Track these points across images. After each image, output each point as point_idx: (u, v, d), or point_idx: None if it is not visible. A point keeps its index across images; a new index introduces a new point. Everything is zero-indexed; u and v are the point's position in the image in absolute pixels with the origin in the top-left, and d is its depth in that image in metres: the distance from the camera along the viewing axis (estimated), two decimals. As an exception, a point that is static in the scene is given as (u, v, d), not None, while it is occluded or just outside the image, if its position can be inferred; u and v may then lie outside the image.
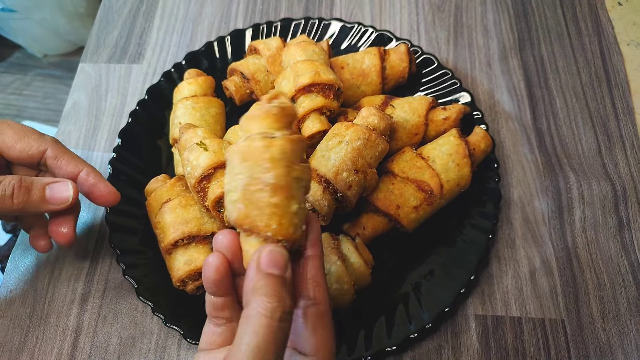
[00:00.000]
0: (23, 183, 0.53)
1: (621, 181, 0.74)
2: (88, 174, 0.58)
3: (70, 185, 0.55)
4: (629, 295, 0.66)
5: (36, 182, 0.54)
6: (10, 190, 0.52)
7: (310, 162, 0.63)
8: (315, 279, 0.42)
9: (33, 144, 0.56)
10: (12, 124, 0.57)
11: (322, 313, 0.42)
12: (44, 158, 0.57)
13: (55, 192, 0.54)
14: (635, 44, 0.88)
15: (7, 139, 0.56)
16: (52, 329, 0.67)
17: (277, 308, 0.37)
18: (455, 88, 0.78)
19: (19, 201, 0.52)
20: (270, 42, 0.77)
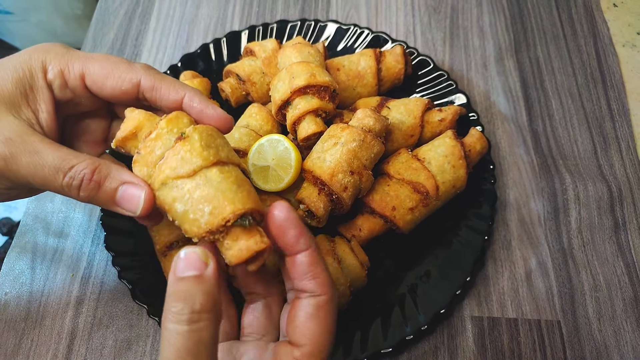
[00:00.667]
0: (95, 176, 0.44)
1: (617, 182, 0.74)
2: (192, 99, 0.49)
3: (143, 195, 0.43)
4: (625, 296, 0.66)
5: (112, 178, 0.45)
6: (79, 182, 0.44)
7: (305, 164, 0.63)
8: (312, 272, 0.41)
9: (124, 76, 0.47)
10: (97, 58, 0.48)
11: (320, 305, 0.41)
12: (141, 91, 0.48)
13: (125, 198, 0.44)
14: (630, 45, 0.88)
15: (97, 76, 0.47)
16: (47, 332, 0.66)
17: (182, 311, 0.35)
18: (451, 89, 0.78)
19: (85, 195, 0.44)
20: (266, 44, 0.77)
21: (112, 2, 1.00)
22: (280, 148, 0.65)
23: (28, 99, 0.46)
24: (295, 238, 0.41)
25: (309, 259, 0.41)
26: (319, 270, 0.41)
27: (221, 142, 0.45)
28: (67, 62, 0.47)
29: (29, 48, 0.48)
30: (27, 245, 0.73)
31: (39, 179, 0.43)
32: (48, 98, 0.46)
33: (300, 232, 0.41)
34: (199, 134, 0.43)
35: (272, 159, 0.65)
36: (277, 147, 0.65)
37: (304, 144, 0.67)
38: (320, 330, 0.40)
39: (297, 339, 0.40)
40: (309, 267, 0.41)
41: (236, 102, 0.78)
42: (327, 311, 0.41)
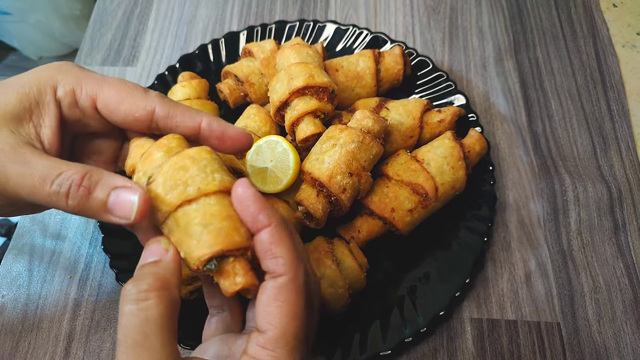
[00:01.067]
0: (85, 182, 0.41)
1: (616, 183, 0.74)
2: (210, 123, 0.47)
3: (136, 198, 0.40)
4: (625, 298, 0.66)
5: (103, 183, 0.42)
6: (66, 189, 0.41)
7: (304, 165, 0.63)
8: (273, 251, 0.39)
9: (139, 104, 0.46)
10: (113, 83, 0.46)
11: (280, 286, 0.38)
12: (154, 120, 0.46)
13: (118, 203, 0.41)
14: (630, 45, 0.88)
15: (110, 100, 0.46)
16: (44, 335, 0.66)
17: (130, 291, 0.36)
18: (450, 90, 0.78)
19: (74, 203, 0.41)
20: (265, 44, 0.77)
21: (110, 2, 1.00)
22: (279, 149, 0.65)
23: (32, 114, 0.45)
24: (254, 214, 0.39)
25: (268, 236, 0.39)
26: (280, 249, 0.39)
27: (194, 171, 0.41)
28: (80, 81, 0.46)
29: (42, 65, 0.47)
30: (24, 247, 0.72)
31: (27, 188, 0.41)
32: (53, 114, 0.45)
33: (260, 208, 0.40)
34: (163, 176, 0.41)
35: (271, 161, 0.65)
36: (275, 149, 0.65)
37: (302, 145, 0.67)
38: (281, 314, 0.38)
39: (260, 324, 0.39)
40: (269, 245, 0.39)
41: (234, 103, 0.78)
42: (288, 293, 0.38)
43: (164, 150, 0.43)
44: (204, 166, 0.41)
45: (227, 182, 0.42)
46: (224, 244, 0.39)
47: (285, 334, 0.38)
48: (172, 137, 0.45)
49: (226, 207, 0.40)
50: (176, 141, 0.44)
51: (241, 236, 0.40)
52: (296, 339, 0.38)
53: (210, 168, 0.42)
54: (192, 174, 0.41)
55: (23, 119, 0.44)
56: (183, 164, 0.41)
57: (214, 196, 0.41)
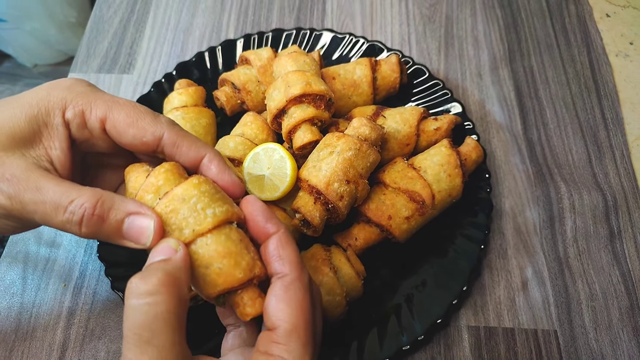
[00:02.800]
0: (97, 210, 0.41)
1: (612, 191, 0.75)
2: (211, 161, 0.48)
3: (152, 224, 0.41)
4: (621, 305, 0.66)
5: (116, 209, 0.42)
6: (79, 217, 0.41)
7: (301, 173, 0.63)
8: (279, 253, 0.42)
9: (148, 128, 0.46)
10: (123, 104, 0.46)
11: (287, 285, 0.41)
12: (161, 145, 0.47)
13: (134, 229, 0.41)
14: (623, 54, 0.89)
15: (119, 123, 0.46)
16: (38, 344, 0.65)
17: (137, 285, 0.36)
18: (447, 98, 0.78)
19: (88, 230, 0.41)
20: (262, 52, 0.77)
21: (107, 10, 1.00)
22: (276, 157, 0.65)
23: (42, 137, 0.45)
24: (262, 223, 0.43)
25: (275, 241, 0.42)
26: (285, 251, 0.42)
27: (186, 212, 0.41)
28: (90, 103, 0.46)
29: (50, 82, 0.47)
30: (18, 255, 0.72)
31: (40, 215, 0.42)
32: (63, 136, 0.45)
33: (266, 219, 0.43)
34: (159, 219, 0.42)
35: (268, 168, 0.64)
36: (272, 156, 0.65)
37: (299, 152, 0.67)
38: (291, 310, 0.40)
39: (271, 323, 0.40)
40: (276, 249, 0.42)
41: (231, 111, 0.78)
42: (295, 290, 0.41)
43: (153, 191, 0.43)
44: (194, 204, 0.42)
45: (220, 214, 0.42)
46: (226, 283, 0.41)
47: (297, 328, 0.39)
48: (158, 173, 0.44)
49: (223, 244, 0.41)
50: (163, 176, 0.44)
51: (243, 270, 0.41)
52: (307, 333, 0.40)
53: (201, 204, 0.42)
54: (184, 215, 0.41)
55: (33, 141, 0.44)
56: (173, 207, 0.41)
57: (210, 234, 0.41)
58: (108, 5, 1.00)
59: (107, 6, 1.00)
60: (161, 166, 0.45)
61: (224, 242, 0.41)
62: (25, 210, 0.42)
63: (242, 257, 0.41)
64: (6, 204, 0.42)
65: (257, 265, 0.42)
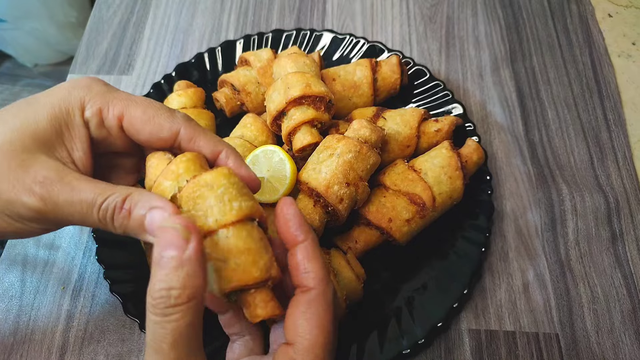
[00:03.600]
0: (126, 204, 0.41)
1: (614, 193, 0.74)
2: (228, 156, 0.47)
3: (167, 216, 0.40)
4: (623, 308, 0.66)
5: (141, 204, 0.41)
6: (111, 212, 0.41)
7: (301, 175, 0.62)
8: (305, 266, 0.41)
9: (164, 124, 0.46)
10: (139, 102, 0.46)
11: (310, 300, 0.40)
12: (178, 140, 0.47)
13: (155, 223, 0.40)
14: (626, 55, 0.89)
15: (135, 120, 0.46)
16: (36, 347, 0.65)
17: (158, 303, 0.35)
18: (448, 100, 0.78)
19: (118, 225, 0.42)
20: (261, 53, 0.76)
21: (106, 10, 0.99)
22: (275, 159, 0.64)
23: (64, 138, 0.45)
24: (293, 230, 0.42)
25: (303, 252, 0.41)
26: (312, 264, 0.41)
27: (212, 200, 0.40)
28: (107, 101, 0.46)
29: (68, 82, 0.47)
30: (17, 257, 0.71)
31: (77, 215, 0.42)
32: (84, 136, 0.45)
33: (298, 224, 0.42)
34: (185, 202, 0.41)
35: (267, 170, 0.64)
36: (272, 158, 0.64)
37: (299, 154, 0.66)
38: (310, 327, 0.39)
39: (290, 337, 0.40)
40: (303, 260, 0.41)
41: (231, 112, 0.77)
42: (318, 306, 0.40)
43: (172, 178, 0.42)
44: (222, 194, 0.41)
45: (246, 209, 0.41)
46: (241, 280, 0.40)
47: (315, 346, 0.39)
48: (180, 161, 0.43)
49: (244, 239, 0.40)
50: (184, 165, 0.43)
51: (260, 270, 0.40)
52: (324, 351, 0.40)
53: (228, 196, 0.41)
54: (210, 203, 0.40)
55: (56, 142, 0.44)
56: (200, 193, 0.41)
57: (232, 227, 0.40)
58: (107, 6, 1.00)
59: (106, 7, 1.00)
60: (183, 155, 0.44)
61: (245, 238, 0.40)
62: (60, 212, 0.42)
63: (260, 256, 0.41)
64: (39, 205, 0.41)
65: (274, 267, 0.41)
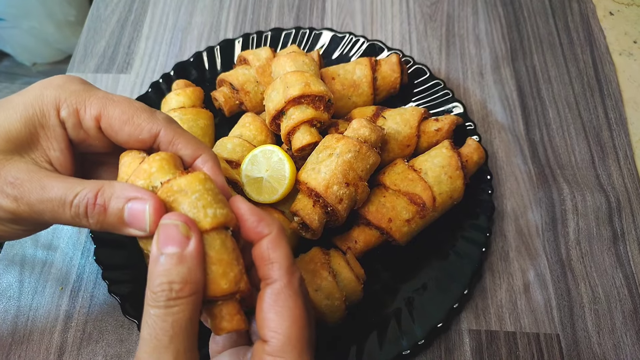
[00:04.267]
0: (99, 199, 0.40)
1: (615, 192, 0.74)
2: (205, 163, 0.46)
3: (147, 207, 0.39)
4: (624, 308, 0.65)
5: (116, 197, 0.40)
6: (84, 209, 0.40)
7: (300, 175, 0.62)
8: (270, 257, 0.39)
9: (144, 125, 0.44)
10: (118, 101, 0.45)
11: (277, 292, 0.39)
12: (157, 142, 0.46)
13: (133, 215, 0.39)
14: (627, 53, 0.88)
15: (114, 121, 0.44)
16: (35, 347, 0.65)
17: (159, 296, 0.35)
18: (448, 98, 0.78)
19: (94, 221, 0.41)
20: (260, 52, 0.76)
21: (105, 9, 0.99)
22: (274, 159, 0.64)
23: (39, 138, 0.44)
24: (254, 226, 0.40)
25: (266, 243, 0.40)
26: (276, 254, 0.40)
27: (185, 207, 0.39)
28: (84, 101, 0.44)
29: (42, 81, 0.46)
30: (15, 257, 0.71)
31: (50, 214, 0.41)
32: (60, 136, 0.44)
33: (257, 220, 0.40)
34: None
35: (266, 170, 0.64)
36: (271, 158, 0.64)
37: (298, 154, 0.66)
38: (282, 320, 0.38)
39: (263, 333, 0.39)
40: (267, 251, 0.40)
41: (229, 112, 0.77)
42: (285, 297, 0.39)
43: (145, 177, 0.41)
44: (196, 200, 0.40)
45: (221, 216, 0.40)
46: (208, 291, 0.38)
47: (290, 339, 0.38)
48: (153, 161, 0.42)
49: (216, 249, 0.39)
50: (158, 164, 0.42)
51: (229, 282, 0.39)
52: (301, 342, 0.38)
53: (202, 202, 0.40)
54: (183, 209, 0.39)
55: (31, 143, 0.43)
56: (174, 197, 0.40)
57: (205, 236, 0.39)
58: (106, 5, 0.99)
59: (104, 5, 0.99)
60: (156, 154, 0.43)
61: (217, 248, 0.39)
62: (33, 212, 0.41)
63: (231, 268, 0.39)
64: (13, 207, 0.41)
65: (244, 280, 0.40)
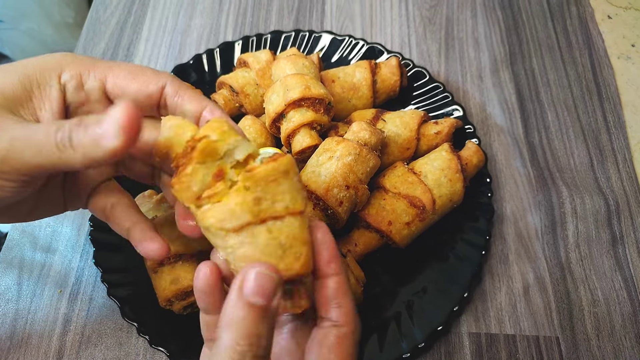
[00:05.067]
0: (82, 122, 0.38)
1: (614, 195, 0.74)
2: (212, 112, 0.46)
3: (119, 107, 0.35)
4: (624, 311, 0.66)
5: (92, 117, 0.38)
6: (68, 133, 0.37)
7: (300, 178, 0.62)
8: (338, 300, 0.40)
9: (150, 81, 0.45)
10: (123, 64, 0.46)
11: (342, 336, 0.40)
12: (164, 97, 0.46)
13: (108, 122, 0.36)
14: (625, 57, 0.88)
15: (120, 80, 0.45)
16: (33, 351, 0.64)
17: (246, 353, 0.34)
18: (447, 101, 0.78)
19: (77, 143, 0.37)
20: (260, 55, 0.76)
21: (104, 11, 0.99)
22: (275, 162, 0.64)
23: (32, 97, 0.43)
24: (327, 260, 0.40)
25: (336, 285, 0.40)
26: (345, 299, 0.40)
27: (282, 187, 0.39)
28: (87, 67, 0.45)
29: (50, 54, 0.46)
30: (13, 260, 0.71)
31: (34, 148, 0.38)
32: (55, 98, 0.44)
33: (333, 256, 0.41)
34: (253, 183, 0.38)
35: (266, 173, 0.64)
36: (271, 161, 0.64)
37: (298, 157, 0.66)
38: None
39: None
40: (336, 293, 0.40)
41: (229, 114, 0.77)
42: (348, 344, 0.40)
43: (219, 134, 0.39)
44: (295, 182, 0.40)
45: (306, 201, 0.41)
46: (302, 269, 0.39)
47: None
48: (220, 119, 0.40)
49: (304, 230, 0.40)
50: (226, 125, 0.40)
51: (312, 263, 0.40)
52: None
53: (297, 185, 0.40)
54: (283, 189, 0.39)
55: (23, 101, 0.42)
56: (275, 177, 0.38)
57: (300, 216, 0.39)
58: (105, 7, 0.99)
59: (103, 8, 0.99)
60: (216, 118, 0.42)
61: (305, 229, 0.40)
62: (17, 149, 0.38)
63: (311, 250, 0.40)
64: None
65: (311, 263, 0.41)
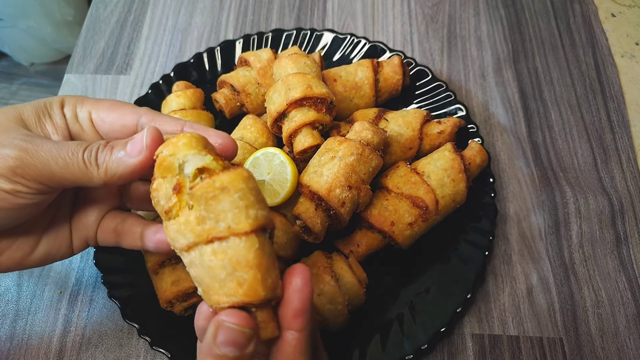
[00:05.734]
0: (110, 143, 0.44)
1: (618, 195, 0.73)
2: (192, 126, 0.49)
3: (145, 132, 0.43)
4: (628, 312, 0.65)
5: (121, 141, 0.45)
6: (95, 152, 0.43)
7: (302, 178, 0.61)
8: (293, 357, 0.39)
9: (126, 113, 0.49)
10: (107, 101, 0.51)
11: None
12: (140, 125, 0.49)
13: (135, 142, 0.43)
14: (629, 55, 0.88)
15: (101, 112, 0.49)
16: (34, 352, 0.64)
17: None
18: (450, 100, 0.77)
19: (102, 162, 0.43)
20: (261, 53, 0.75)
21: (104, 9, 0.98)
22: (276, 162, 0.63)
23: (45, 123, 0.48)
24: (294, 313, 0.39)
25: (295, 342, 0.39)
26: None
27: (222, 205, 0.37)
28: (82, 100, 0.50)
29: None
30: (13, 261, 0.70)
31: (61, 161, 0.42)
32: (62, 127, 0.49)
33: (302, 311, 0.39)
34: (195, 201, 0.37)
35: (268, 173, 0.63)
36: (272, 161, 0.63)
37: (300, 157, 0.65)
38: None
39: None
40: (292, 353, 0.39)
41: (230, 114, 0.76)
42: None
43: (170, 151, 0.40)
44: (238, 199, 0.37)
45: (262, 218, 0.38)
46: (246, 296, 0.36)
47: None
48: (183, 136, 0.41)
49: (255, 252, 0.37)
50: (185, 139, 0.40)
51: (267, 289, 0.37)
52: None
53: (244, 202, 0.37)
54: (223, 207, 0.37)
55: (37, 125, 0.47)
56: (214, 194, 0.37)
57: (245, 237, 0.37)
58: (105, 5, 0.99)
59: (103, 5, 0.99)
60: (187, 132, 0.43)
61: (257, 251, 0.37)
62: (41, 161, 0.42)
63: (269, 273, 0.37)
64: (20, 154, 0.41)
65: (279, 286, 0.38)
